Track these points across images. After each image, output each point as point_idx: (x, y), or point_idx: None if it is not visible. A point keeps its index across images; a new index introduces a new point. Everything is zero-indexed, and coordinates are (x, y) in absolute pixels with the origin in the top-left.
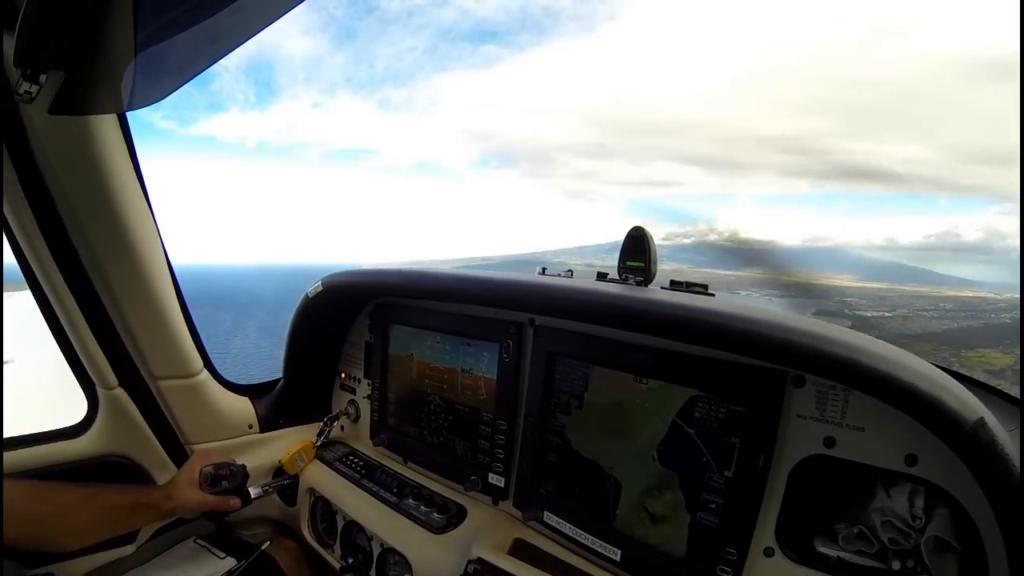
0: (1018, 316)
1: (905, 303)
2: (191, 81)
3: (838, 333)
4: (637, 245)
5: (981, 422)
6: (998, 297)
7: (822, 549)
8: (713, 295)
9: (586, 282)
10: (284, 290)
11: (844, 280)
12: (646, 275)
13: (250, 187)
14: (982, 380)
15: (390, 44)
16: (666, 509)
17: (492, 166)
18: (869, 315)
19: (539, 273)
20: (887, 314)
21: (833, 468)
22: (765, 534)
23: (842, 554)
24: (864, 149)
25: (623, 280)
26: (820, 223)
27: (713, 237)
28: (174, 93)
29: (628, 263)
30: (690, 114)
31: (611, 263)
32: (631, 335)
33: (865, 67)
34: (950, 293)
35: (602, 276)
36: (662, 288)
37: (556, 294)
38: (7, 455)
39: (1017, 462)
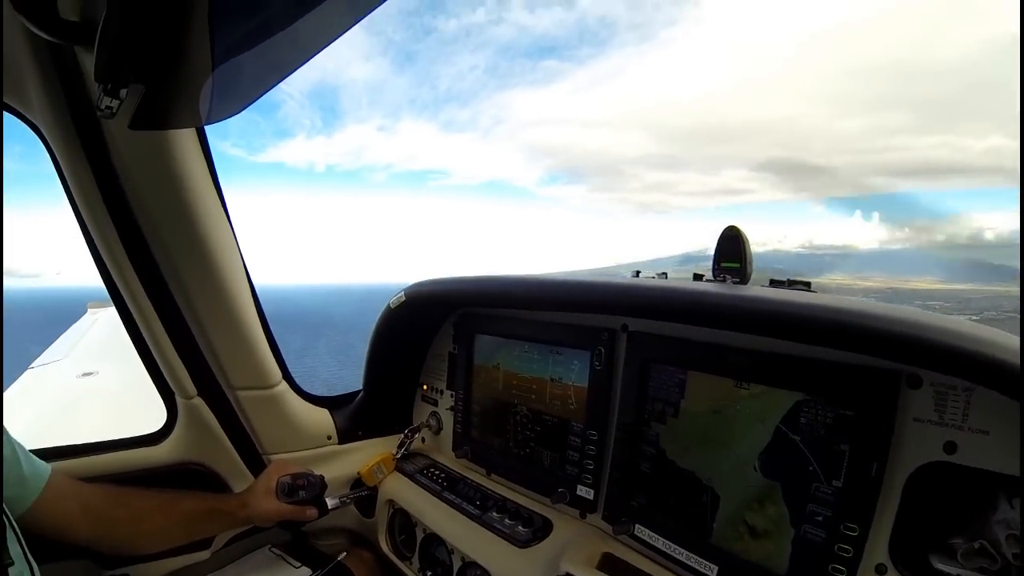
0: None
1: (992, 304)
2: (259, 101)
3: (960, 325)
4: (732, 246)
5: None
6: None
7: (939, 566)
8: (816, 292)
9: (682, 282)
10: (353, 311)
11: (926, 282)
12: (742, 276)
13: (321, 210)
14: None
15: (450, 65)
16: (768, 523)
17: (561, 182)
18: (953, 319)
19: (632, 275)
20: (973, 317)
21: (953, 476)
22: (877, 549)
23: (961, 572)
24: (941, 142)
25: (720, 280)
26: (897, 224)
27: (787, 245)
28: (248, 107)
29: (723, 264)
30: (758, 117)
31: (684, 273)
32: (730, 337)
33: (937, 54)
34: None
35: (698, 277)
36: (762, 287)
37: (652, 295)
38: (91, 459)
39: None
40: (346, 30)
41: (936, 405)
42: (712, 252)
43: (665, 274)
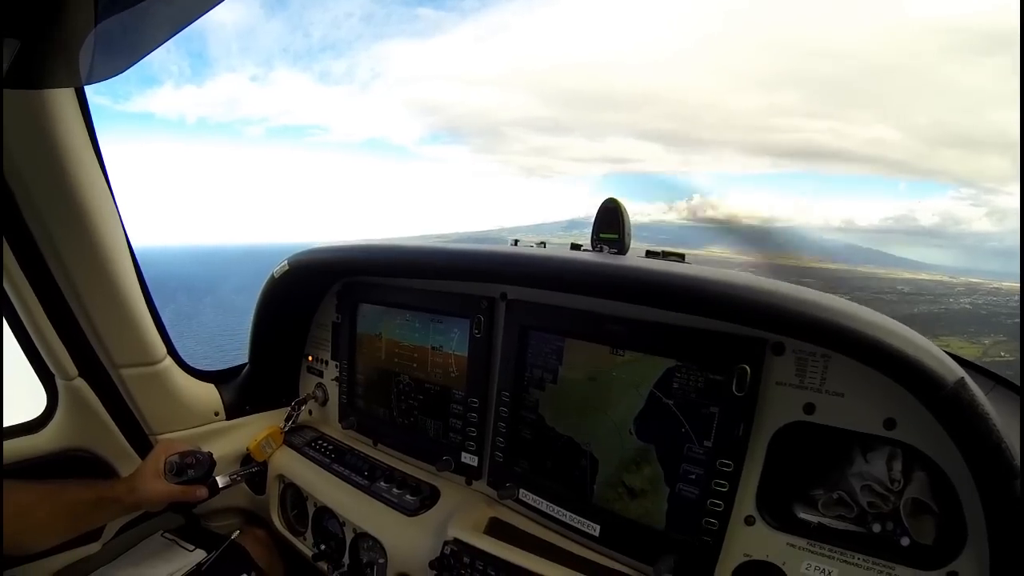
0: (977, 302)
1: (862, 285)
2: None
3: (819, 297)
4: (611, 217)
5: (962, 383)
6: (954, 281)
7: (802, 515)
8: (690, 264)
9: (560, 251)
10: (217, 274)
11: (802, 261)
12: (620, 247)
13: (193, 166)
14: None
15: (324, 10)
16: (644, 483)
17: (442, 142)
18: (817, 292)
19: (511, 244)
20: (846, 296)
21: (812, 434)
22: (746, 503)
23: (822, 519)
24: (829, 128)
25: (598, 250)
26: (779, 202)
27: (672, 216)
28: (135, 65)
29: (602, 235)
30: (648, 86)
31: (569, 239)
32: (606, 305)
33: (836, 36)
34: (907, 275)
35: (576, 247)
36: (638, 258)
37: (530, 263)
38: None
39: (997, 422)
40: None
41: (797, 370)
42: None
43: (544, 243)
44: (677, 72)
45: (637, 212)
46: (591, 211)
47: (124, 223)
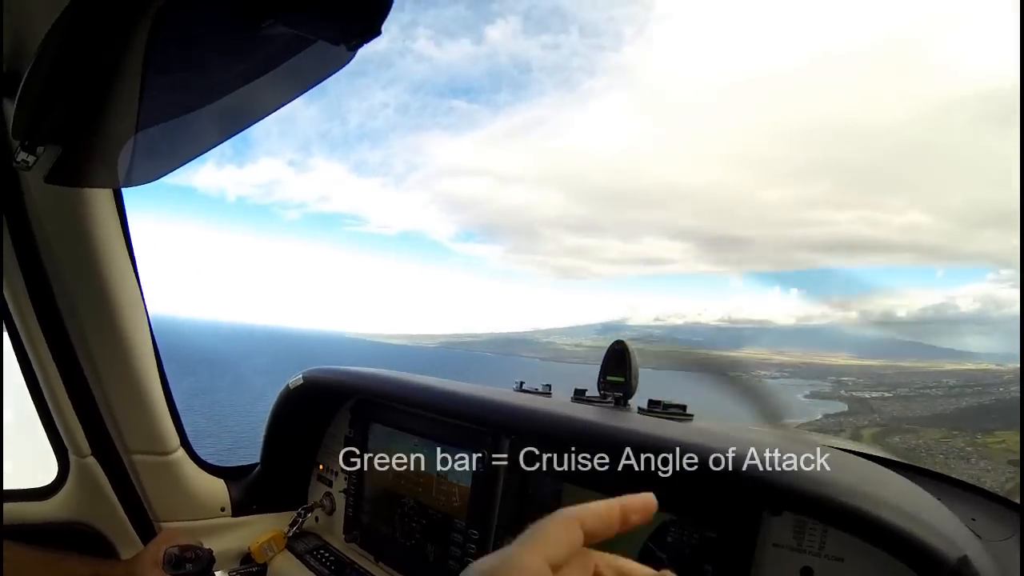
0: None
1: (905, 381)
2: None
3: (818, 473)
4: (618, 360)
5: (964, 561)
6: (1002, 368)
7: None
8: (691, 416)
9: (562, 405)
10: (240, 352)
11: (840, 358)
12: (626, 390)
13: (231, 243)
14: (1005, 472)
15: (360, 99)
16: None
17: (476, 240)
18: (867, 396)
19: (516, 388)
20: (886, 394)
21: None
22: None
23: None
24: (860, 217)
25: (602, 398)
26: (813, 300)
27: (706, 318)
28: (166, 176)
29: (609, 378)
30: (679, 182)
31: (602, 344)
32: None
33: (862, 116)
34: (951, 367)
35: (579, 394)
36: (640, 409)
37: (531, 417)
38: None
39: None
40: (277, 108)
41: (795, 532)
42: (632, 322)
43: (549, 387)
44: (709, 165)
45: (672, 314)
46: (626, 314)
47: (150, 317)
